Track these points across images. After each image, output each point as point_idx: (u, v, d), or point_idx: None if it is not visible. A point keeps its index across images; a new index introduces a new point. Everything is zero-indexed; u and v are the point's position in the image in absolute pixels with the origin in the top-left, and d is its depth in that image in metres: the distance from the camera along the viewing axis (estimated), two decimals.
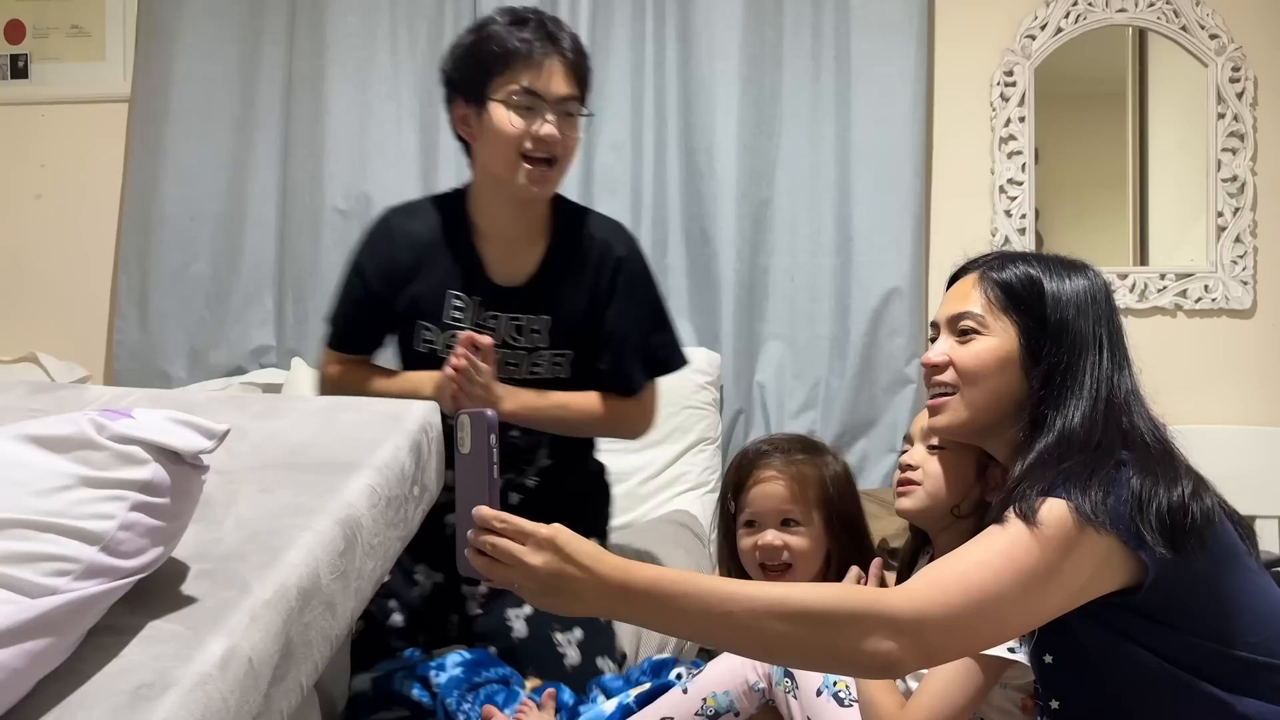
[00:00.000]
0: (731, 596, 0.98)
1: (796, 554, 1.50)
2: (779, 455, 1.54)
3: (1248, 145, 2.69)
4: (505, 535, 0.96)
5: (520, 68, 1.69)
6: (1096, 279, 1.20)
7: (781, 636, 0.97)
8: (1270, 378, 2.68)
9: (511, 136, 1.69)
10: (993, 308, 1.19)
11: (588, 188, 2.79)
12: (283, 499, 1.23)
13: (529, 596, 0.99)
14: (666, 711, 1.40)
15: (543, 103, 1.70)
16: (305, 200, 2.86)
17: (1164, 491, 1.03)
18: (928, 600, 0.99)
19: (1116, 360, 1.16)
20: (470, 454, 1.01)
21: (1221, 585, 1.07)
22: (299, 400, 1.55)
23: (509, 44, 1.70)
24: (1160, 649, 1.05)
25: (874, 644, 0.97)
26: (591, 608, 0.99)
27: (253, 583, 1.11)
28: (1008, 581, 1.00)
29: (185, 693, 0.99)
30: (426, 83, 2.84)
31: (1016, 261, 1.21)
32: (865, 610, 0.98)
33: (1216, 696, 1.04)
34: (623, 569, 0.97)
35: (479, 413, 1.01)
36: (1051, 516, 1.02)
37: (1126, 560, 1.03)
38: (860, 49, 2.73)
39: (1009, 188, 2.76)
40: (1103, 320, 1.17)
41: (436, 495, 1.49)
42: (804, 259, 2.74)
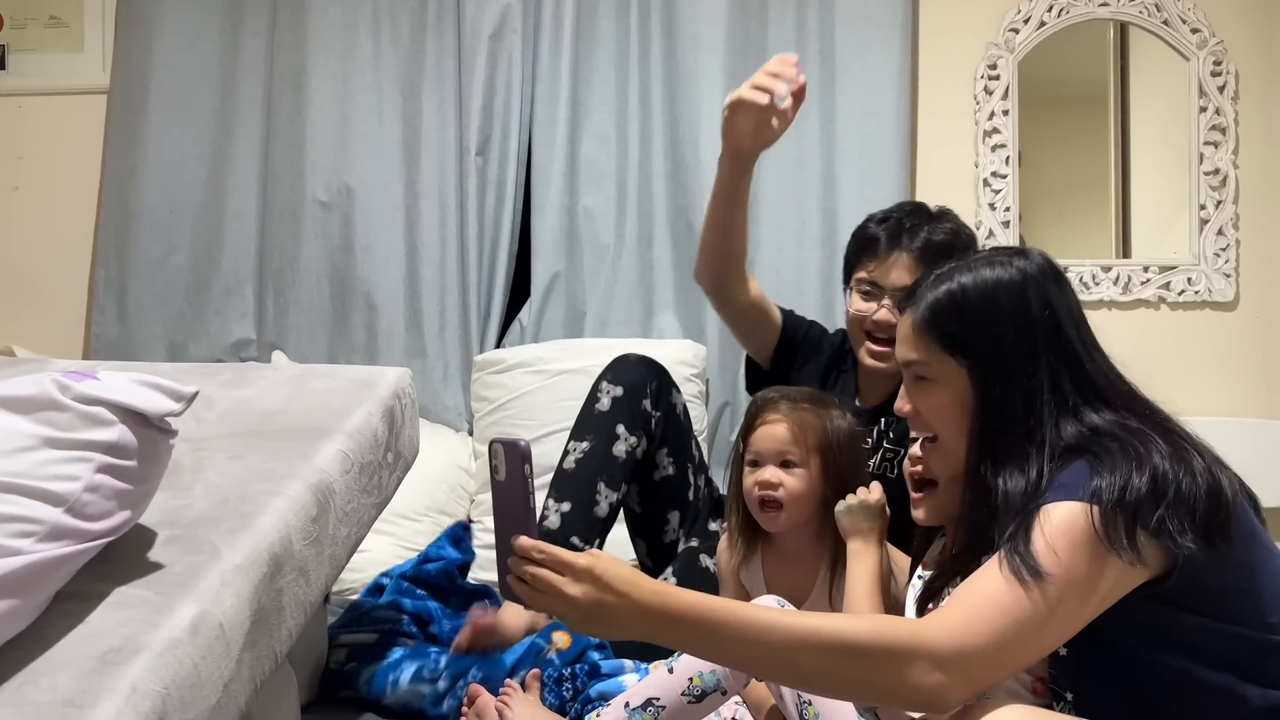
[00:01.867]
0: (769, 626, 0.98)
1: (790, 493, 1.56)
2: (786, 402, 1.61)
3: (1229, 139, 2.70)
4: (545, 566, 0.98)
5: (867, 259, 1.86)
6: (1026, 263, 1.14)
7: (817, 669, 0.98)
8: (1253, 369, 2.68)
9: (852, 318, 1.88)
10: (933, 354, 1.15)
11: (572, 180, 2.78)
12: (253, 465, 1.20)
13: (570, 624, 1.00)
14: (652, 692, 1.37)
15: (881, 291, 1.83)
16: (286, 192, 2.83)
17: (1187, 481, 1.00)
18: (967, 631, 0.97)
19: (1072, 346, 1.12)
20: (506, 482, 1.03)
21: (1245, 567, 1.04)
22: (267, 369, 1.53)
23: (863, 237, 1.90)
24: (1181, 638, 1.02)
25: (917, 679, 0.95)
26: (631, 632, 1.00)
27: (223, 548, 1.09)
28: (1038, 595, 0.97)
29: (154, 657, 0.97)
30: (409, 74, 2.83)
31: (939, 283, 1.16)
32: (903, 644, 0.96)
33: (1233, 688, 1.01)
34: (661, 594, 0.99)
35: (512, 442, 1.02)
36: (1082, 519, 0.99)
37: (1156, 552, 1.00)
38: (844, 42, 2.73)
39: (993, 181, 2.76)
40: (1036, 306, 1.11)
41: (412, 463, 1.47)
42: (790, 252, 2.73)
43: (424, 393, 2.76)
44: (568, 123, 2.76)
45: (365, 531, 1.35)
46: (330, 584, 1.25)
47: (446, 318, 2.80)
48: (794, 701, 1.28)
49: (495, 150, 2.79)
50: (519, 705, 1.45)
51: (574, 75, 2.77)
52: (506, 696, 1.49)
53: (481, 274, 2.79)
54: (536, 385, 2.60)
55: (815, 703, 1.25)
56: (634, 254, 2.76)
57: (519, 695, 1.50)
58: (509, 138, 2.79)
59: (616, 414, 1.84)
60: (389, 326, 2.81)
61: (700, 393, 2.62)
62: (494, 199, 2.80)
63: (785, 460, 1.57)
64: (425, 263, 2.80)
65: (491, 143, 2.79)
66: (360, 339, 2.82)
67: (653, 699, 1.37)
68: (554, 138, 2.77)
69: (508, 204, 2.79)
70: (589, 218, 2.78)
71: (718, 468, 2.71)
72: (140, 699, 0.91)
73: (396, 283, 2.81)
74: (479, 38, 2.77)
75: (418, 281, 2.81)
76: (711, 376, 2.70)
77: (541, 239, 2.79)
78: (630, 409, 1.85)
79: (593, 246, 2.78)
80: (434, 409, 2.78)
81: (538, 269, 2.79)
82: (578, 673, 1.57)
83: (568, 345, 2.69)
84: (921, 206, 1.92)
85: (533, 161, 2.81)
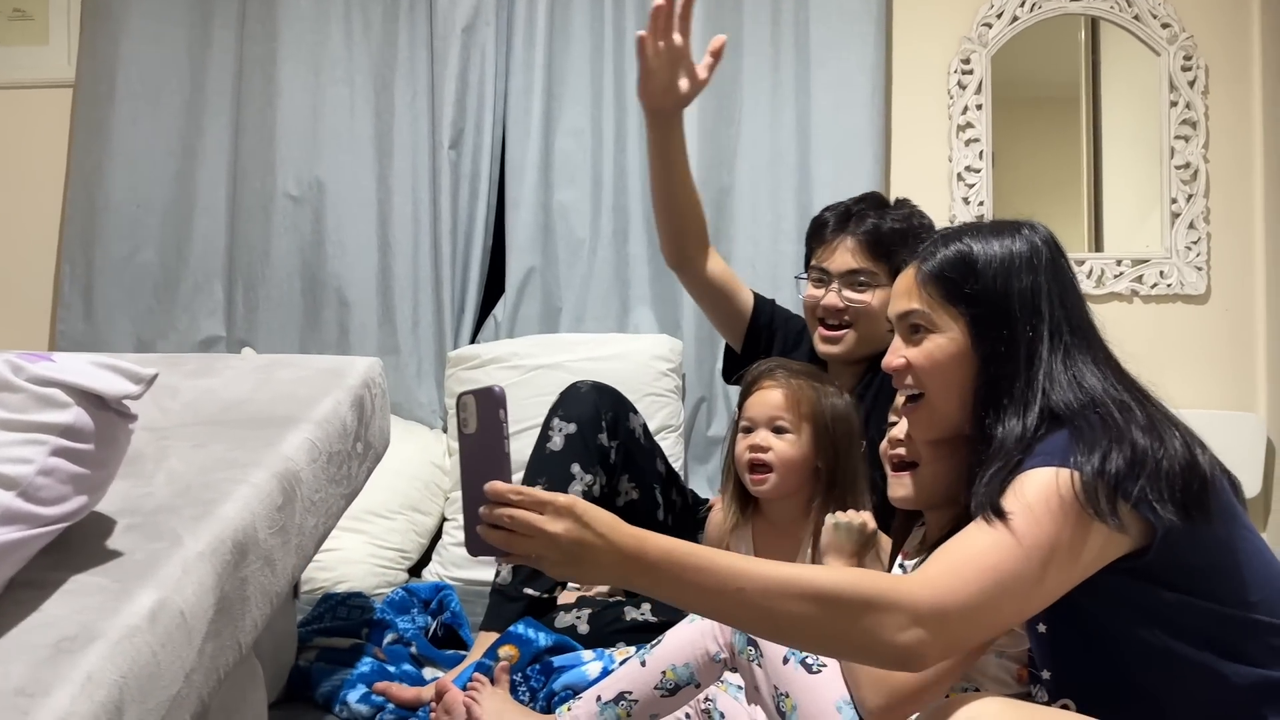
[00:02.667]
0: (744, 573, 0.96)
1: (780, 458, 1.58)
2: (783, 370, 1.64)
3: (1200, 133, 2.72)
4: (523, 506, 0.94)
5: (817, 246, 1.90)
6: (1033, 235, 1.16)
7: (793, 616, 0.95)
8: (1224, 362, 2.70)
9: (805, 305, 1.92)
10: (933, 304, 1.16)
11: (546, 174, 2.77)
12: (217, 453, 1.18)
13: (549, 567, 0.97)
14: (624, 685, 1.35)
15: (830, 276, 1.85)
16: (256, 186, 2.80)
17: (1166, 454, 1.00)
18: (946, 588, 0.96)
19: (1073, 316, 1.13)
20: (476, 433, 0.98)
21: (1223, 544, 1.04)
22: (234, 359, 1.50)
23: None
24: (1160, 614, 1.02)
25: (894, 634, 0.94)
26: (608, 576, 0.98)
27: (185, 535, 1.06)
28: (1024, 559, 0.97)
29: (111, 645, 0.94)
30: (380, 67, 2.80)
31: (949, 241, 1.18)
32: (882, 596, 0.95)
33: (1213, 666, 1.01)
34: (639, 539, 0.96)
35: (486, 390, 0.98)
36: (1062, 486, 0.99)
37: (1136, 523, 1.00)
38: (819, 37, 2.73)
39: (967, 175, 2.77)
40: (1044, 273, 1.14)
41: (382, 454, 1.44)
42: (765, 247, 2.72)
43: (397, 389, 2.73)
44: (542, 116, 2.74)
45: (334, 522, 1.32)
46: (297, 574, 1.22)
47: (420, 313, 2.78)
48: (770, 694, 1.26)
49: (469, 144, 2.77)
50: (487, 699, 1.43)
51: (548, 69, 2.75)
52: (474, 691, 1.46)
53: (455, 269, 2.77)
54: (512, 381, 2.57)
55: (792, 694, 1.23)
56: (609, 249, 2.75)
57: (487, 689, 1.47)
58: (483, 131, 2.77)
59: (570, 453, 1.77)
60: (361, 322, 2.78)
61: (676, 387, 2.61)
62: (467, 193, 2.77)
63: (777, 426, 1.59)
64: (398, 258, 2.78)
65: (465, 137, 2.77)
66: (332, 335, 2.79)
67: (625, 693, 1.35)
68: (528, 132, 2.75)
69: (481, 198, 2.77)
70: (564, 212, 2.76)
71: (696, 464, 2.70)
72: (96, 688, 0.88)
73: (369, 278, 2.78)
74: (452, 30, 2.75)
75: (390, 277, 2.78)
76: (688, 371, 2.68)
77: (516, 234, 2.76)
78: (585, 446, 1.78)
79: (568, 241, 2.76)
80: (407, 405, 2.75)
81: (512, 264, 2.77)
82: (530, 674, 1.55)
83: (543, 340, 2.67)
84: (875, 195, 1.94)
85: (506, 156, 2.79)
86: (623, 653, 1.55)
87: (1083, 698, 1.08)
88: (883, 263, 1.82)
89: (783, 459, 1.58)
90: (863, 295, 1.82)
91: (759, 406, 1.61)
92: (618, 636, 1.68)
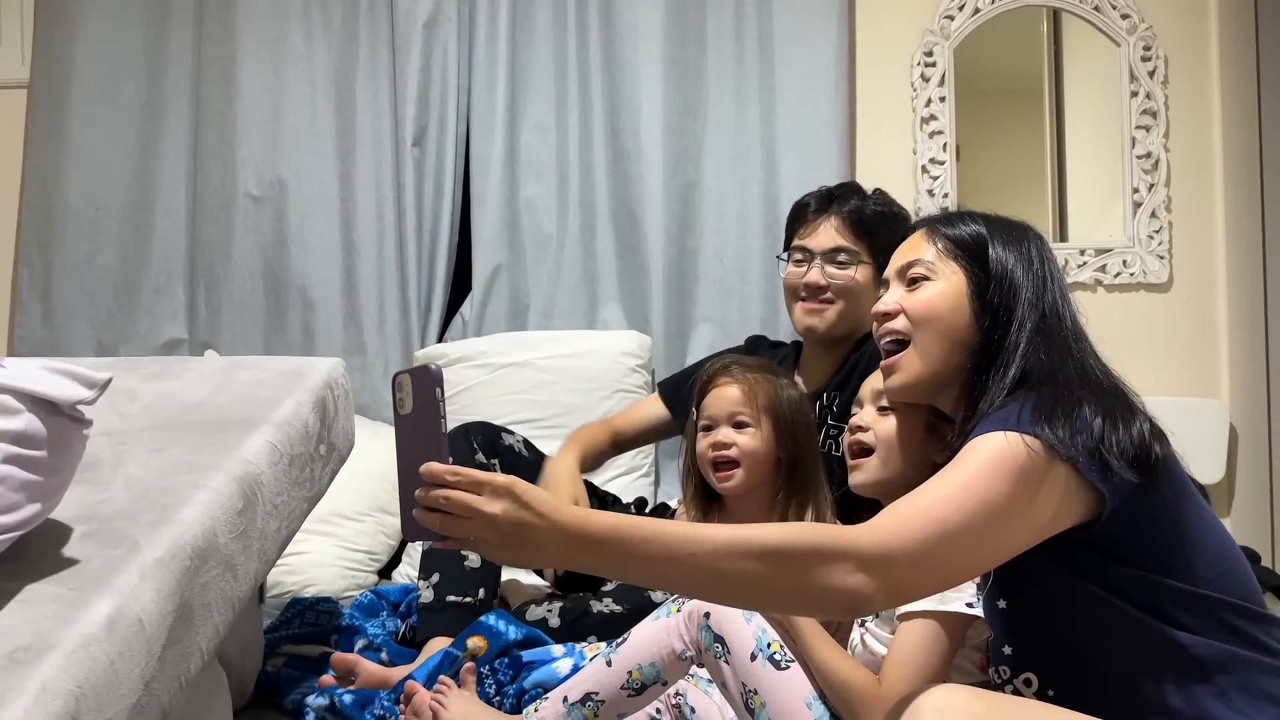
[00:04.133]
0: (692, 539, 0.95)
1: (745, 453, 1.57)
2: (737, 367, 1.63)
3: (1160, 123, 2.75)
4: (459, 487, 0.91)
5: (799, 226, 1.92)
6: (1033, 231, 1.25)
7: (745, 575, 0.95)
8: (1186, 349, 2.73)
9: (786, 284, 1.92)
10: (941, 255, 1.22)
11: (512, 171, 2.75)
12: (175, 457, 1.15)
13: (488, 550, 0.94)
14: (591, 686, 1.34)
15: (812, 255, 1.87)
16: (217, 186, 2.76)
17: (1124, 427, 1.03)
18: (892, 535, 0.97)
19: (1061, 298, 1.20)
20: (412, 413, 0.95)
21: (1176, 520, 1.06)
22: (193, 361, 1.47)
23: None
24: (1116, 587, 1.04)
25: (840, 579, 0.95)
26: (551, 557, 0.95)
27: (143, 542, 1.04)
28: (970, 514, 0.99)
29: (66, 655, 0.91)
30: (341, 64, 2.77)
31: (964, 219, 1.25)
32: (829, 545, 0.96)
33: (1172, 638, 1.03)
34: (581, 517, 0.94)
35: (422, 369, 0.96)
36: (1012, 449, 1.01)
37: (1086, 493, 1.03)
38: (782, 29, 2.73)
39: (931, 168, 2.78)
40: (1044, 264, 1.21)
41: (346, 456, 1.43)
42: (733, 240, 2.72)
43: (364, 390, 2.71)
44: (506, 112, 2.73)
45: (297, 526, 1.30)
46: (260, 579, 1.20)
47: (386, 313, 2.75)
48: (739, 691, 1.26)
49: (432, 141, 2.75)
50: (454, 701, 1.42)
51: (511, 64, 2.74)
52: (441, 694, 1.45)
53: (421, 267, 2.75)
54: (480, 379, 2.56)
55: (761, 691, 1.23)
56: (577, 245, 2.73)
57: (454, 691, 1.46)
58: (446, 128, 2.75)
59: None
60: (326, 323, 2.75)
61: (646, 383, 2.60)
62: (432, 191, 2.75)
63: (738, 421, 1.59)
64: (362, 257, 2.75)
65: (428, 134, 2.75)
66: (296, 336, 2.76)
67: (591, 693, 1.33)
68: (492, 128, 2.73)
69: (446, 195, 2.75)
70: (530, 209, 2.75)
71: (666, 460, 2.69)
72: (51, 698, 0.87)
73: (333, 278, 2.75)
74: (413, 26, 2.72)
75: (355, 276, 2.75)
76: (657, 367, 2.68)
77: (482, 231, 2.75)
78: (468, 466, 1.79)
79: (535, 238, 2.75)
80: (374, 406, 2.72)
81: (479, 262, 2.75)
82: (498, 668, 1.53)
83: (511, 339, 2.65)
84: (853, 183, 1.97)
85: (471, 152, 2.77)
86: (594, 648, 1.54)
87: (1044, 671, 1.10)
88: (863, 242, 1.84)
89: (747, 453, 1.58)
90: (846, 271, 1.83)
91: (718, 403, 1.60)
92: (589, 630, 1.67)
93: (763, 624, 1.27)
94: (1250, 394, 2.60)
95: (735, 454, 1.57)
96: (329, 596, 1.86)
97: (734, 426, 1.59)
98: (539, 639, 1.60)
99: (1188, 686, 1.03)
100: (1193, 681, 1.03)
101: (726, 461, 1.58)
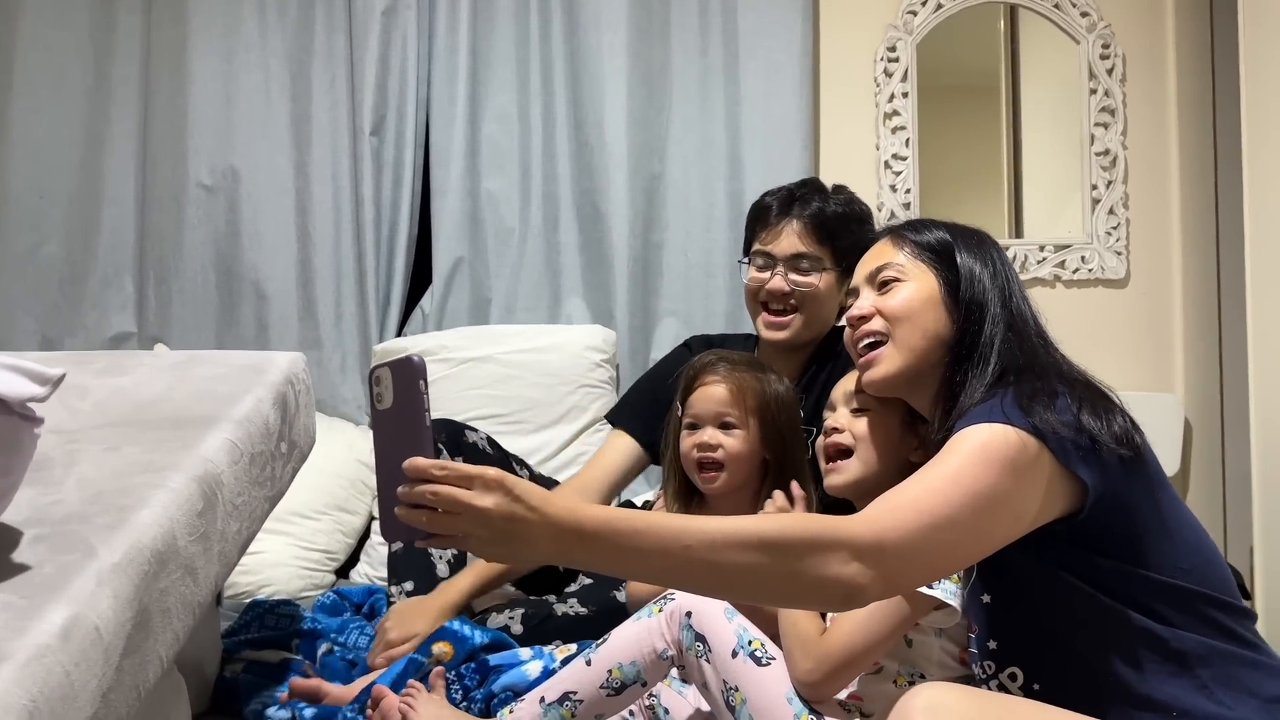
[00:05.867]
0: (686, 531, 0.94)
1: (730, 455, 1.54)
2: (725, 364, 1.59)
3: (1118, 120, 2.78)
4: (448, 481, 0.88)
5: (760, 230, 1.86)
6: (990, 238, 1.29)
7: (740, 567, 0.94)
8: (1143, 344, 2.77)
9: (748, 289, 1.86)
10: (911, 258, 1.24)
11: (473, 162, 2.70)
12: (131, 457, 1.10)
13: (478, 547, 0.91)
14: (569, 685, 1.32)
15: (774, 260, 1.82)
16: (167, 176, 2.69)
17: (1106, 415, 1.06)
18: (884, 525, 0.98)
19: (1024, 301, 1.23)
20: (393, 408, 0.91)
21: (1155, 510, 1.08)
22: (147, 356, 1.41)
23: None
24: (1098, 580, 1.05)
25: (836, 570, 0.95)
26: (544, 553, 0.92)
27: (99, 546, 0.99)
28: (958, 505, 0.99)
29: (19, 667, 0.86)
30: (297, 51, 2.71)
31: (927, 226, 1.28)
32: (824, 535, 0.96)
33: (1152, 631, 1.04)
34: (573, 510, 0.92)
35: (404, 361, 0.91)
36: (998, 439, 1.02)
37: (1069, 484, 1.04)
38: (747, 23, 2.71)
39: (894, 163, 2.78)
40: (1006, 269, 1.24)
41: (308, 454, 1.38)
42: (697, 234, 2.70)
43: (320, 385, 2.65)
44: (467, 102, 2.68)
45: (258, 527, 1.26)
46: (220, 583, 1.15)
47: (343, 306, 2.69)
48: (719, 688, 1.24)
49: (391, 130, 2.69)
50: (423, 705, 1.38)
51: (472, 53, 2.69)
52: (410, 697, 1.42)
53: (379, 260, 2.69)
54: (441, 374, 2.51)
55: (742, 688, 1.21)
56: (540, 238, 2.70)
57: (423, 695, 1.43)
58: (405, 117, 2.69)
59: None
60: (281, 316, 2.69)
61: (610, 378, 2.57)
62: (390, 181, 2.70)
63: (724, 422, 1.56)
64: (318, 249, 2.69)
65: (387, 123, 2.69)
66: (250, 330, 2.69)
67: (570, 693, 1.31)
68: (453, 118, 2.68)
69: (406, 186, 2.69)
70: (492, 201, 2.70)
71: None
72: (4, 713, 0.82)
73: (288, 270, 2.69)
74: (371, 13, 2.66)
75: (311, 269, 2.69)
76: (622, 361, 2.65)
77: (442, 223, 2.70)
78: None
79: (496, 231, 2.71)
80: (331, 402, 2.66)
81: (439, 254, 2.70)
82: (464, 673, 1.50)
83: (473, 333, 2.61)
84: (814, 180, 1.93)
85: (431, 143, 2.72)
86: (563, 651, 1.52)
87: (1029, 665, 1.11)
88: (826, 246, 1.81)
89: (733, 456, 1.55)
90: (809, 278, 1.80)
91: (704, 403, 1.57)
92: (553, 634, 1.65)
93: (743, 623, 1.25)
94: (1204, 389, 2.64)
95: (721, 456, 1.55)
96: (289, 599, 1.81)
97: (720, 427, 1.56)
98: (505, 643, 1.56)
99: (1170, 680, 1.03)
100: (1175, 675, 1.03)
101: (712, 463, 1.55)
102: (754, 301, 1.86)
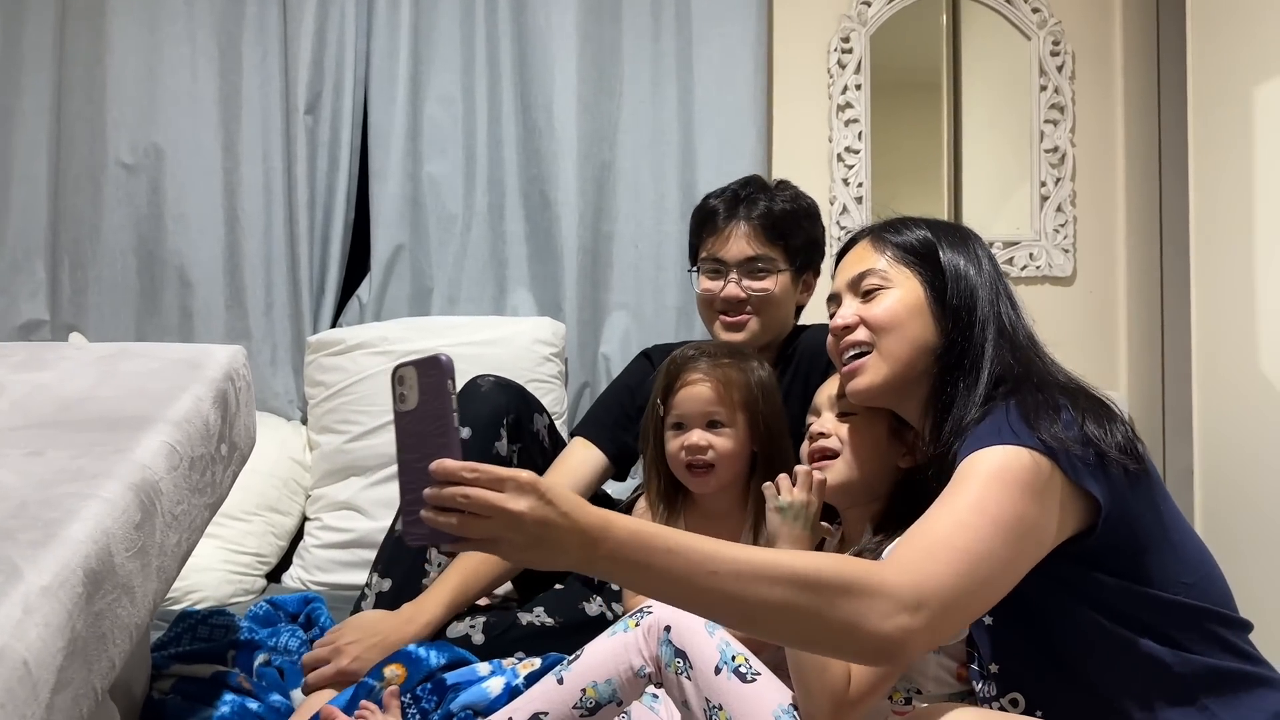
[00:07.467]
0: (716, 556, 0.89)
1: (721, 454, 1.50)
2: (706, 359, 1.53)
3: (1068, 117, 2.78)
4: (479, 485, 0.85)
5: (708, 236, 1.80)
6: (974, 233, 1.25)
7: (767, 601, 0.89)
8: (1090, 342, 2.78)
9: (701, 298, 1.81)
10: (893, 262, 1.21)
11: (414, 144, 2.58)
12: (57, 463, 0.98)
13: (509, 551, 0.87)
14: (539, 705, 1.23)
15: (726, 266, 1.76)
16: (84, 153, 2.51)
17: (1109, 425, 1.03)
18: (924, 573, 0.92)
19: (1009, 296, 1.20)
20: (418, 409, 0.87)
21: (1160, 522, 1.06)
22: (69, 349, 1.27)
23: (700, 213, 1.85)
24: (1103, 601, 1.02)
25: (875, 623, 0.89)
26: (569, 559, 0.89)
27: (24, 566, 0.87)
28: (988, 537, 0.95)
29: None
30: (226, 23, 2.55)
31: (907, 225, 1.24)
32: (860, 580, 0.90)
33: (1156, 655, 1.01)
34: (604, 518, 0.88)
35: (430, 359, 0.87)
36: (1014, 462, 0.98)
37: (1080, 501, 1.01)
38: (700, 8, 2.64)
39: (846, 156, 2.74)
40: (991, 263, 1.21)
41: (248, 456, 1.27)
42: (648, 225, 2.62)
43: None
44: (408, 81, 2.56)
45: (198, 537, 1.14)
46: (159, 601, 1.04)
47: (274, 295, 2.55)
48: (701, 707, 1.17)
49: (327, 109, 2.56)
50: None
51: (414, 30, 2.56)
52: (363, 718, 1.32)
53: (313, 246, 2.55)
54: (379, 368, 2.39)
55: (726, 706, 1.14)
56: (484, 225, 2.59)
57: (377, 715, 1.33)
58: (342, 95, 2.56)
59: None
60: (206, 305, 2.53)
61: (559, 373, 2.48)
62: (326, 162, 2.56)
63: (712, 421, 1.51)
64: (248, 234, 2.54)
65: (322, 100, 2.55)
66: (173, 319, 2.53)
67: (540, 714, 1.22)
68: (393, 98, 2.56)
69: (342, 168, 2.56)
70: (434, 186, 2.59)
71: None
72: None
73: (214, 256, 2.54)
74: None
75: (239, 255, 2.54)
76: (571, 356, 2.56)
77: (381, 208, 2.57)
78: (480, 455, 1.62)
79: (439, 217, 2.59)
80: (261, 396, 2.52)
81: (378, 241, 2.58)
82: (420, 695, 1.41)
83: (413, 324, 2.48)
84: (757, 178, 1.87)
85: (369, 123, 2.59)
86: (526, 665, 1.43)
87: (1031, 690, 1.07)
88: (778, 245, 1.76)
89: (723, 455, 1.50)
90: (763, 283, 1.75)
91: (690, 402, 1.52)
92: (516, 645, 1.56)
93: (726, 637, 1.19)
94: (1146, 386, 2.66)
95: (712, 458, 1.49)
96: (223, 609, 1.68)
97: (708, 426, 1.50)
98: (462, 659, 1.47)
99: (1173, 707, 1.01)
100: (1177, 702, 1.01)
101: (703, 465, 1.50)
102: (709, 309, 1.79)
